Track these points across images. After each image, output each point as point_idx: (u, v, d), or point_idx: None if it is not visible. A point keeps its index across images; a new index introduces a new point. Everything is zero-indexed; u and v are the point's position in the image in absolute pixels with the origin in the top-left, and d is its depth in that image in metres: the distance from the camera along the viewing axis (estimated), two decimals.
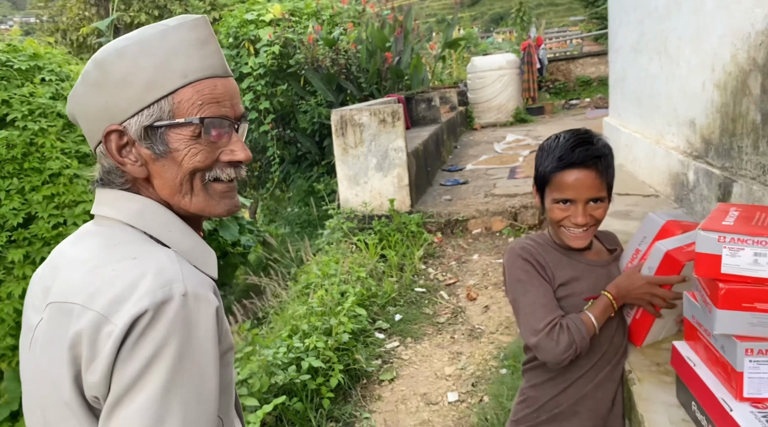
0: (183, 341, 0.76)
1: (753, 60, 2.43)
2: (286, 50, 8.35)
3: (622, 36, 4.97)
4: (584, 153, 1.41)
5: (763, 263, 1.14)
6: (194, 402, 0.77)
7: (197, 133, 0.89)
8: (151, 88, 0.86)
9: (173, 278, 0.79)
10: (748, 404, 1.17)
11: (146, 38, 0.87)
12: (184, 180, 0.90)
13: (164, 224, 0.90)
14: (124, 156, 0.89)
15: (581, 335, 1.41)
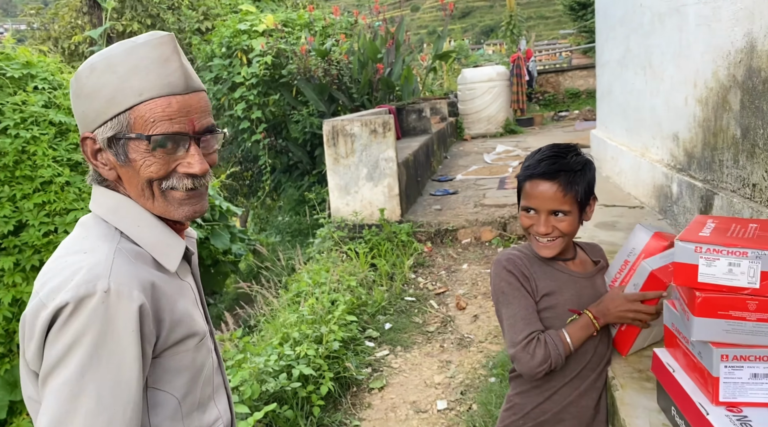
0: (101, 331, 0.87)
1: (733, 77, 2.52)
2: (278, 60, 8.41)
3: (608, 51, 5.08)
4: (548, 166, 1.48)
5: (737, 272, 1.19)
6: (110, 385, 0.87)
7: (149, 147, 0.97)
8: (112, 104, 0.96)
9: (101, 274, 0.89)
10: (723, 408, 1.22)
11: (113, 55, 0.96)
12: (144, 186, 1.00)
13: (134, 219, 1.00)
14: (98, 160, 1.01)
15: (557, 352, 1.48)
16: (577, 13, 20.55)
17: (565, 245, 1.56)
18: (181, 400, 1.01)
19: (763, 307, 1.18)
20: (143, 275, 0.95)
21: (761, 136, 2.25)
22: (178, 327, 0.98)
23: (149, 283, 0.95)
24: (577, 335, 1.51)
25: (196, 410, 1.04)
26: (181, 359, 1.00)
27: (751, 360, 1.21)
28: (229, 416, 1.16)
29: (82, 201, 4.42)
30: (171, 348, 0.98)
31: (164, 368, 0.98)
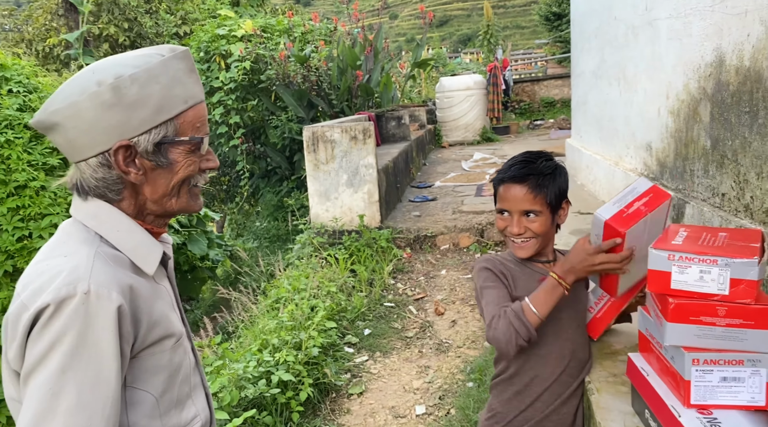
0: (81, 331, 0.91)
1: (703, 89, 2.60)
2: (257, 66, 8.40)
3: (583, 62, 5.19)
4: (519, 170, 1.58)
5: (707, 279, 1.25)
6: (90, 384, 0.91)
7: (194, 148, 1.08)
8: (161, 111, 1.03)
9: (81, 277, 0.93)
10: (694, 411, 1.27)
11: (152, 66, 1.02)
12: (176, 186, 1.08)
13: (113, 225, 1.05)
14: (129, 166, 1.04)
15: (519, 320, 1.46)
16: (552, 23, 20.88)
17: (540, 246, 1.62)
18: (158, 398, 1.05)
19: (732, 313, 1.24)
20: (122, 278, 0.99)
21: (730, 147, 2.33)
22: (155, 328, 1.03)
23: (127, 285, 0.99)
24: (542, 299, 1.48)
25: (174, 408, 1.08)
26: (158, 359, 1.04)
27: (720, 364, 1.26)
28: (208, 414, 1.20)
29: (58, 206, 4.36)
30: (148, 348, 1.02)
31: (142, 367, 1.02)
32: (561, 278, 1.48)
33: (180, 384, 1.10)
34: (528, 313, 1.48)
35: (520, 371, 1.64)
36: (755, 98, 2.10)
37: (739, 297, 1.23)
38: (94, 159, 1.03)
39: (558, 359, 1.62)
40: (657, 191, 1.50)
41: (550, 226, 1.61)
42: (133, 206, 1.08)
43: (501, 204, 1.61)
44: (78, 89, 0.99)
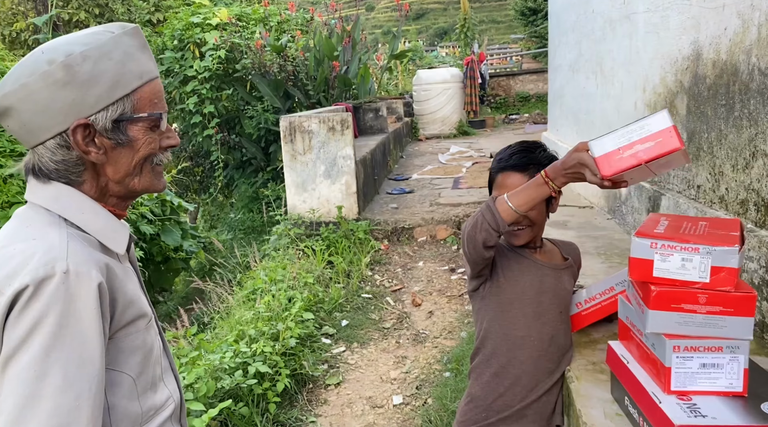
0: (63, 311, 0.89)
1: (680, 83, 2.64)
2: (232, 55, 8.27)
3: (561, 55, 5.23)
4: (519, 159, 1.60)
5: (689, 267, 1.26)
6: (75, 364, 0.90)
7: (153, 125, 1.06)
8: (116, 87, 1.01)
9: (57, 257, 0.92)
10: (674, 397, 1.29)
11: (103, 43, 1.00)
12: (138, 164, 1.06)
13: (77, 207, 1.03)
14: (89, 146, 1.02)
15: (488, 208, 1.43)
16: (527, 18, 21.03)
17: (534, 234, 1.64)
18: (135, 379, 1.05)
19: (713, 300, 1.25)
20: (97, 256, 0.99)
21: (705, 140, 2.37)
22: (129, 308, 1.03)
23: (104, 263, 0.99)
24: (521, 192, 1.42)
25: (149, 389, 1.08)
26: (133, 339, 1.04)
27: (700, 351, 1.28)
28: (179, 396, 1.20)
29: None
30: (124, 328, 1.02)
31: (118, 348, 1.01)
32: (549, 177, 1.39)
33: (153, 365, 1.10)
34: (499, 201, 1.43)
35: (498, 351, 1.66)
36: (731, 91, 2.13)
37: (720, 285, 1.24)
38: (51, 141, 1.00)
39: (536, 342, 1.63)
40: (667, 138, 1.29)
41: (545, 215, 1.64)
42: (95, 188, 1.06)
43: (500, 192, 1.59)
44: (28, 70, 0.97)
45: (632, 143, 1.31)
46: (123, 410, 1.02)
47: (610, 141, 1.33)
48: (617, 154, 1.31)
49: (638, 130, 1.31)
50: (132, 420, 1.04)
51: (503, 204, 1.43)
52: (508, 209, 1.42)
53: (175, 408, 1.17)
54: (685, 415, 1.21)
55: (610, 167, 1.31)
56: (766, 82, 1.88)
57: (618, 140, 1.32)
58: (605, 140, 1.33)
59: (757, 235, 1.90)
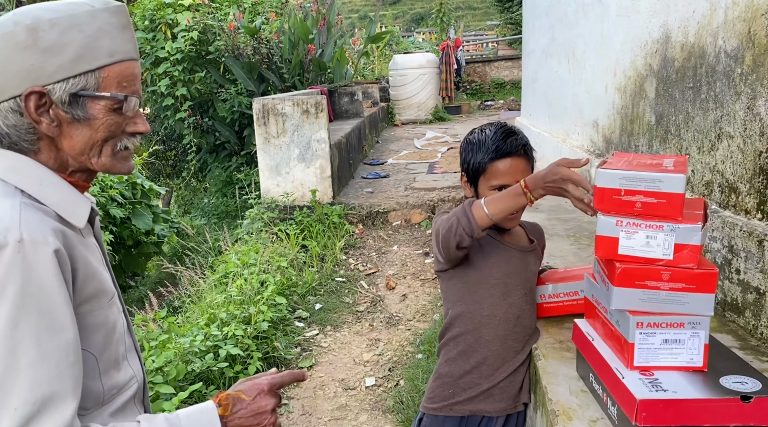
0: (24, 280, 0.86)
1: (649, 66, 2.66)
2: (205, 36, 8.12)
3: (534, 40, 5.24)
4: (514, 142, 1.56)
5: (653, 244, 1.27)
6: (47, 332, 0.87)
7: (116, 107, 1.02)
8: (80, 60, 0.97)
9: (9, 226, 0.89)
10: (637, 373, 1.31)
11: (77, 14, 0.97)
12: (96, 144, 1.03)
13: (35, 178, 0.99)
14: (40, 115, 0.98)
15: (463, 211, 1.43)
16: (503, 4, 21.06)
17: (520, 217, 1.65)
18: (98, 357, 1.02)
19: (675, 277, 1.27)
20: (53, 224, 0.95)
21: (673, 122, 2.40)
22: (90, 281, 1.00)
23: (60, 231, 0.95)
24: (497, 199, 1.43)
25: (112, 368, 1.06)
26: (96, 316, 1.01)
27: (663, 327, 1.29)
28: (142, 376, 1.18)
29: None
30: (85, 304, 0.99)
31: (81, 325, 0.98)
32: (528, 187, 1.40)
33: (116, 344, 1.07)
34: (476, 207, 1.43)
35: (465, 331, 1.66)
36: (698, 74, 2.16)
37: (683, 262, 1.26)
38: (5, 103, 0.97)
39: (502, 321, 1.64)
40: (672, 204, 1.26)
41: None
42: (53, 159, 1.03)
43: (500, 180, 1.55)
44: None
45: (636, 191, 1.28)
46: (85, 389, 0.99)
47: (614, 177, 1.29)
48: (616, 193, 1.30)
49: (649, 181, 1.26)
50: (93, 399, 1.02)
51: (480, 210, 1.42)
52: (484, 216, 1.42)
53: (138, 388, 1.15)
54: (647, 389, 1.23)
55: (603, 202, 1.31)
56: (732, 65, 1.90)
57: (622, 181, 1.29)
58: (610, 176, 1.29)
59: (721, 215, 1.93)
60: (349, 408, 3.15)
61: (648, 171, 1.28)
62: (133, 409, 1.12)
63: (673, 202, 1.25)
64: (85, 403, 1.00)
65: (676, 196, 1.24)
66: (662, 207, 1.26)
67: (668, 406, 1.21)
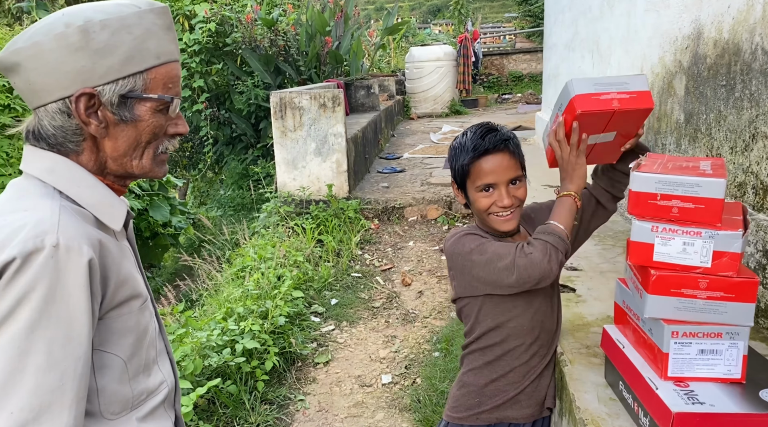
0: (51, 286, 0.85)
1: (679, 63, 2.59)
2: (222, 28, 8.10)
3: (556, 34, 5.15)
4: (494, 138, 1.50)
5: (690, 251, 1.23)
6: (61, 342, 0.86)
7: (161, 108, 1.02)
8: (129, 62, 0.98)
9: (48, 230, 0.88)
10: (671, 383, 1.27)
11: (126, 16, 0.97)
12: (140, 145, 1.02)
13: (73, 180, 0.99)
14: (89, 117, 0.98)
15: (552, 235, 1.41)
16: None
17: (519, 215, 1.56)
18: (127, 362, 1.01)
19: (713, 285, 1.22)
20: (90, 232, 0.94)
21: (704, 121, 2.33)
22: (123, 287, 0.99)
23: (96, 239, 0.94)
24: (568, 220, 1.46)
25: (141, 373, 1.05)
26: (126, 320, 1.00)
27: (699, 337, 1.25)
28: (173, 381, 1.17)
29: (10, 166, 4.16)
30: (116, 309, 0.98)
31: (110, 329, 0.98)
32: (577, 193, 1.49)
33: (147, 348, 1.06)
34: (556, 227, 1.44)
35: (491, 344, 1.59)
36: (732, 71, 2.09)
37: (722, 270, 1.21)
38: (53, 105, 0.97)
39: (528, 330, 1.58)
40: (644, 97, 1.39)
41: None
42: (93, 162, 1.02)
43: (484, 180, 1.50)
44: (44, 30, 0.94)
45: (609, 92, 1.39)
46: (112, 393, 0.99)
47: (588, 84, 1.40)
48: (594, 96, 1.38)
49: (617, 84, 1.40)
50: (122, 404, 1.01)
51: (560, 230, 1.43)
52: (564, 233, 1.44)
53: (169, 393, 1.13)
54: (682, 402, 1.19)
55: (585, 105, 1.37)
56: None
57: (596, 86, 1.40)
58: (584, 83, 1.41)
59: (755, 219, 1.87)
60: (365, 405, 3.13)
61: (685, 175, 1.23)
62: (163, 414, 1.11)
63: (712, 207, 1.20)
64: (114, 407, 1.00)
65: (716, 202, 1.19)
66: (700, 213, 1.21)
67: (705, 420, 1.16)
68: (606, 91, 1.38)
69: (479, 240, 1.50)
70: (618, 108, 1.37)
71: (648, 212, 1.26)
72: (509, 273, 1.42)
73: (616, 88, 1.39)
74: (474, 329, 1.61)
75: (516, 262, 1.40)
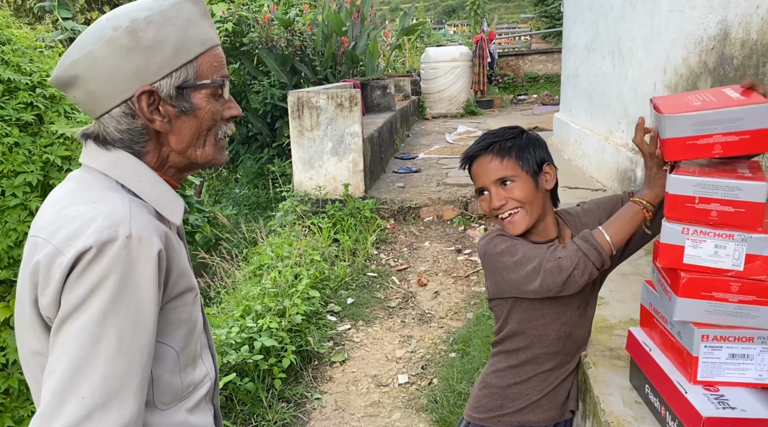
0: (123, 275, 0.88)
1: (704, 64, 2.56)
2: (239, 28, 8.15)
3: (575, 35, 5.12)
4: (480, 144, 1.50)
5: (722, 254, 1.21)
6: (130, 330, 0.89)
7: (216, 92, 1.04)
8: (179, 53, 0.99)
9: (121, 220, 0.90)
10: (701, 387, 1.25)
11: (165, 8, 0.99)
12: (201, 134, 1.05)
13: (135, 174, 1.01)
14: (152, 114, 1.00)
15: (588, 243, 1.35)
16: None
17: (532, 218, 1.47)
18: (179, 353, 1.04)
19: (746, 289, 1.21)
20: (157, 224, 0.97)
21: None
22: (181, 279, 1.01)
23: (163, 232, 0.97)
24: (618, 226, 1.36)
25: (190, 364, 1.07)
26: (181, 312, 1.02)
27: (730, 341, 1.23)
28: (215, 374, 1.19)
29: (32, 163, 4.20)
30: (174, 300, 1.01)
31: (167, 320, 1.00)
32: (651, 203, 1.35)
33: (195, 341, 1.09)
34: (599, 236, 1.35)
35: (517, 348, 1.58)
36: (761, 72, 2.06)
37: (754, 273, 1.19)
38: (117, 109, 0.99)
39: (554, 340, 1.55)
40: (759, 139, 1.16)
41: (535, 192, 1.47)
42: (155, 159, 1.05)
43: (476, 183, 1.51)
44: (94, 37, 0.96)
45: (712, 135, 1.18)
46: (165, 383, 1.01)
47: (684, 122, 1.19)
48: (691, 140, 1.20)
49: (726, 122, 1.16)
50: (173, 394, 1.03)
51: (604, 241, 1.35)
52: (608, 246, 1.35)
53: (211, 386, 1.15)
54: (713, 406, 1.17)
55: (677, 152, 1.22)
56: None
57: (694, 127, 1.18)
58: (678, 121, 1.19)
59: None
60: (382, 405, 3.13)
61: (725, 178, 1.20)
62: (204, 408, 1.13)
63: (752, 211, 1.18)
64: (165, 397, 1.02)
65: (757, 206, 1.17)
66: (740, 217, 1.18)
67: (736, 425, 1.15)
68: (707, 134, 1.18)
69: (511, 241, 1.48)
70: (721, 154, 1.19)
71: (685, 216, 1.23)
72: (535, 275, 1.39)
73: (722, 128, 1.17)
74: (501, 330, 1.60)
75: (543, 264, 1.37)
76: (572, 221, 1.61)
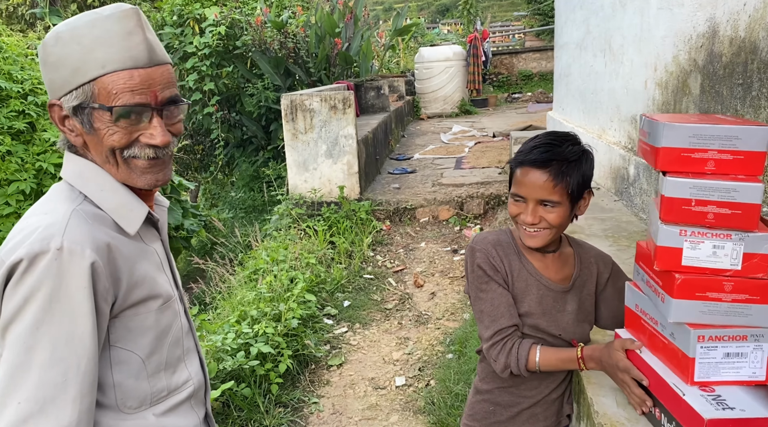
0: (54, 287, 0.91)
1: (694, 61, 2.56)
2: (232, 31, 8.13)
3: (567, 33, 5.12)
4: (541, 154, 1.40)
5: (720, 254, 1.20)
6: (64, 340, 0.91)
7: (112, 118, 1.01)
8: (77, 74, 0.99)
9: (55, 233, 0.93)
10: (697, 388, 1.24)
11: (78, 26, 0.99)
12: (108, 154, 1.04)
13: (98, 184, 1.04)
14: (65, 126, 1.04)
15: (517, 366, 1.45)
16: None
17: (552, 238, 1.47)
18: (145, 359, 1.05)
19: (738, 288, 1.20)
20: (98, 236, 0.98)
21: None
22: (136, 288, 1.02)
23: (104, 243, 0.98)
24: (551, 362, 1.45)
25: (163, 370, 1.08)
26: (143, 319, 1.03)
27: (724, 340, 1.23)
28: (201, 379, 1.20)
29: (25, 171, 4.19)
30: (131, 308, 1.02)
31: (126, 327, 1.02)
32: (583, 360, 1.41)
33: (170, 347, 1.09)
34: (531, 361, 1.45)
35: None
36: (749, 70, 2.06)
37: (752, 272, 1.19)
38: None
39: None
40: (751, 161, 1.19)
41: (568, 218, 1.45)
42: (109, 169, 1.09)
43: (516, 189, 1.44)
44: None
45: (707, 150, 1.19)
46: (130, 389, 1.03)
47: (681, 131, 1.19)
48: (686, 152, 1.20)
49: (723, 138, 1.18)
50: (140, 399, 1.05)
51: (533, 364, 1.45)
52: (534, 364, 1.45)
53: (195, 390, 1.16)
54: (712, 408, 1.17)
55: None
56: None
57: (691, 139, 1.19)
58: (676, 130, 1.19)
59: None
60: (379, 408, 3.12)
61: (721, 179, 1.19)
62: (188, 410, 1.14)
63: (749, 213, 1.17)
64: (131, 402, 1.04)
65: (753, 207, 1.17)
66: (737, 218, 1.18)
67: (737, 425, 1.14)
68: (703, 148, 1.19)
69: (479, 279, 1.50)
70: (713, 171, 1.19)
71: (682, 219, 1.22)
72: (482, 341, 1.50)
73: (719, 144, 1.18)
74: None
75: (486, 347, 1.49)
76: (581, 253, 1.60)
